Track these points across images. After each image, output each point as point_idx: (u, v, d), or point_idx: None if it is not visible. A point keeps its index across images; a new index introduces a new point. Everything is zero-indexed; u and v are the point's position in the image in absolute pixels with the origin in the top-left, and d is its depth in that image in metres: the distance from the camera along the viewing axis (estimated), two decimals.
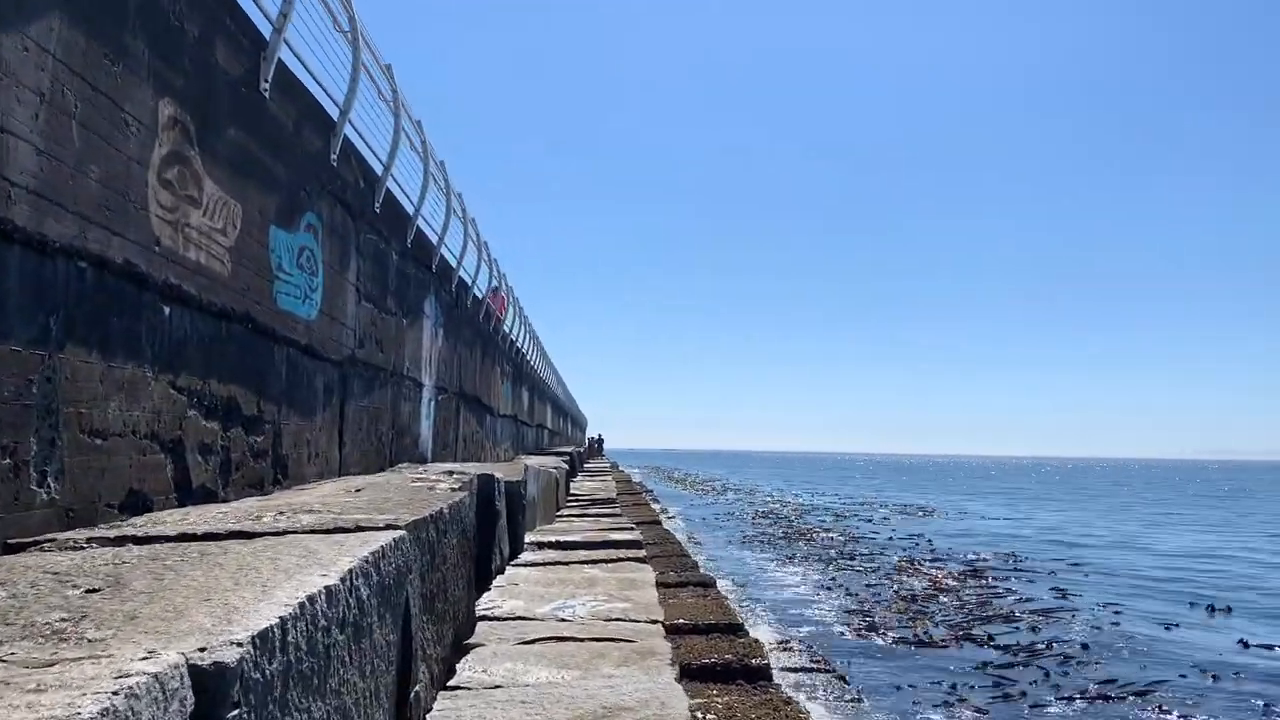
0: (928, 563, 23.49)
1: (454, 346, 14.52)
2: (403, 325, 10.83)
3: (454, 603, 4.70)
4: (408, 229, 10.92)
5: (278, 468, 6.81)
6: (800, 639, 13.28)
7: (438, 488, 6.12)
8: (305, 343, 7.31)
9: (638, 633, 6.01)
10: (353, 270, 8.65)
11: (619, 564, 9.21)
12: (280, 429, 6.85)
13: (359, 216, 8.86)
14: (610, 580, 8.10)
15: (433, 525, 4.26)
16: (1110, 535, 33.50)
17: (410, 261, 11.25)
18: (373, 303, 9.42)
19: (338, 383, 8.34)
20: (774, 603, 16.44)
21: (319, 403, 7.79)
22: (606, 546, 10.36)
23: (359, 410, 9.04)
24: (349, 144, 8.34)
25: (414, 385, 11.55)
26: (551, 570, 8.85)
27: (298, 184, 7.05)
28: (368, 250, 9.22)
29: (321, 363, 7.81)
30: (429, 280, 12.39)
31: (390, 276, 10.18)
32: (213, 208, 5.51)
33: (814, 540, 27.92)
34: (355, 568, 2.98)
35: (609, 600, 7.14)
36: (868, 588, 18.75)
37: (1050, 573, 21.81)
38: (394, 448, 10.58)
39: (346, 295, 8.44)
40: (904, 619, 15.43)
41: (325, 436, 8.02)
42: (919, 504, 49.52)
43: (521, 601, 6.95)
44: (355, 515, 4.12)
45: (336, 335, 8.16)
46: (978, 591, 18.60)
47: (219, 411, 5.76)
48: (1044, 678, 11.62)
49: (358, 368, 8.95)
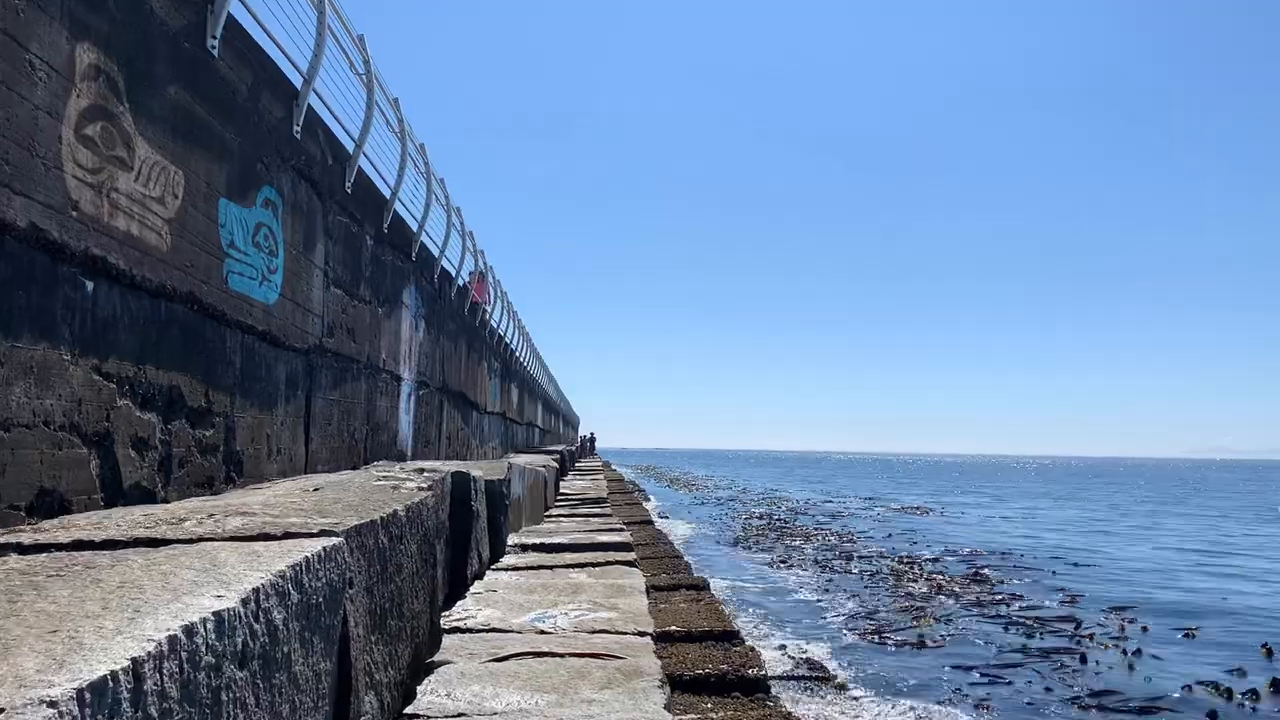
0: (927, 563, 22.96)
1: (437, 340, 13.92)
2: (379, 315, 10.23)
3: (413, 617, 4.11)
4: (384, 213, 10.32)
5: (231, 465, 6.22)
6: (797, 643, 12.71)
7: (404, 487, 5.53)
8: (263, 329, 6.71)
9: (625, 647, 5.44)
10: (320, 253, 8.05)
11: (607, 567, 8.63)
12: (234, 423, 6.25)
13: (328, 196, 8.26)
14: (597, 586, 7.53)
15: (384, 530, 3.68)
16: (1110, 533, 33.05)
17: (387, 248, 10.65)
18: (343, 289, 8.82)
19: (303, 374, 7.74)
20: (769, 606, 15.87)
21: (280, 395, 7.20)
22: (594, 549, 9.79)
23: (328, 404, 8.45)
24: (315, 116, 7.74)
25: (391, 379, 10.95)
26: (534, 575, 8.27)
27: (253, 155, 6.45)
28: (338, 232, 8.62)
29: (283, 351, 7.21)
30: (409, 269, 11.79)
31: (364, 262, 9.59)
32: (148, 173, 4.92)
33: (810, 540, 27.36)
34: (265, 585, 2.40)
35: (594, 609, 6.56)
36: (866, 589, 18.20)
37: (1051, 572, 21.30)
38: (369, 444, 9.98)
39: (313, 279, 7.84)
40: (904, 620, 14.90)
41: (289, 432, 7.42)
42: (915, 503, 49.03)
43: (498, 611, 6.37)
44: (292, 519, 3.53)
45: (301, 322, 7.56)
46: (977, 593, 18.07)
47: (158, 402, 5.16)
48: (1044, 690, 11.06)
49: (326, 358, 8.35)
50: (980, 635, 13.72)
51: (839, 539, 28.12)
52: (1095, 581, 20.52)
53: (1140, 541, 30.54)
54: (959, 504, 49.45)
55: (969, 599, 17.30)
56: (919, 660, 12.12)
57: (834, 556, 23.26)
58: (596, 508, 17.51)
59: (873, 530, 31.59)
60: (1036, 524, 36.92)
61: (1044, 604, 17.24)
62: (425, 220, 12.12)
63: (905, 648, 12.87)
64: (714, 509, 41.11)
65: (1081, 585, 19.84)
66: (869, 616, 15.12)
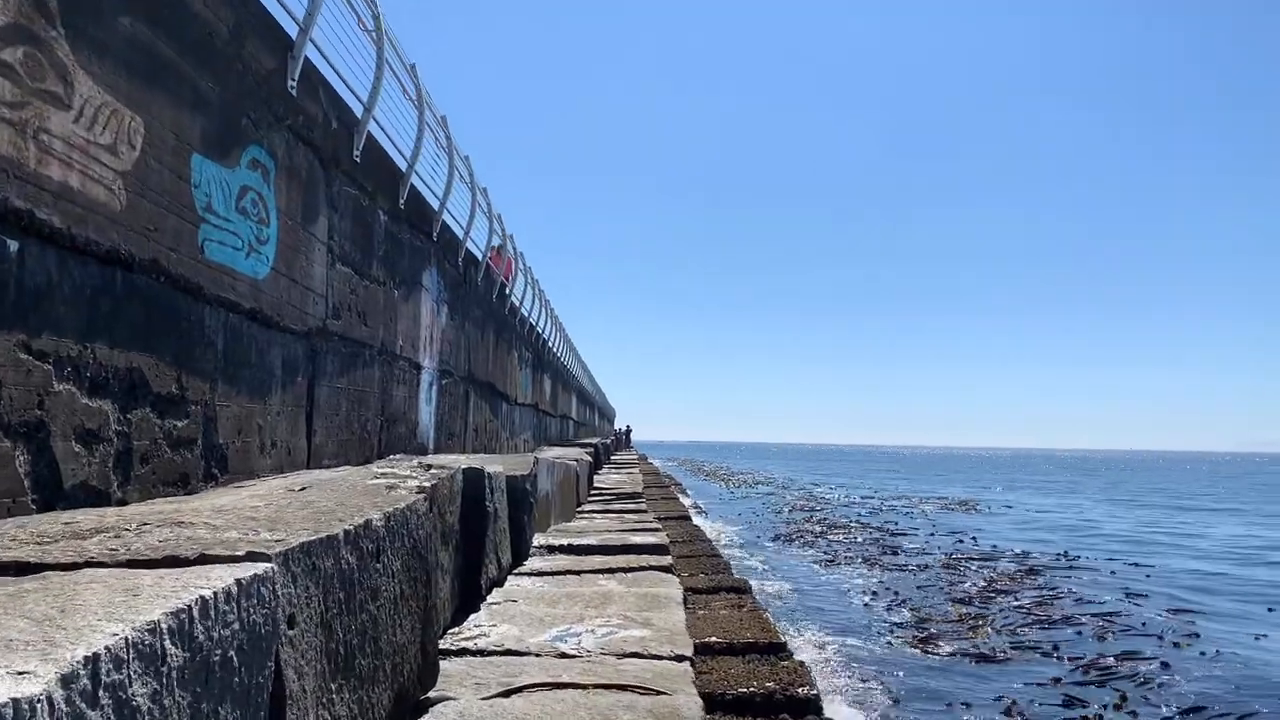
0: (976, 560, 21.91)
1: (461, 326, 13.16)
2: (394, 297, 9.47)
3: (396, 651, 3.31)
4: (399, 187, 9.54)
5: (212, 460, 5.46)
6: (846, 653, 11.81)
7: (401, 487, 4.74)
8: (251, 306, 5.95)
9: (659, 675, 4.61)
10: (323, 226, 7.28)
11: (640, 573, 7.81)
12: (215, 412, 5.49)
13: (332, 164, 7.49)
14: (628, 597, 6.69)
15: (349, 547, 2.87)
16: (1164, 528, 31.61)
17: (404, 226, 9.88)
18: (352, 267, 8.06)
19: (304, 358, 6.99)
20: (814, 610, 14.95)
21: (275, 381, 6.44)
22: (627, 551, 8.97)
23: (334, 392, 7.69)
24: (314, 71, 6.96)
25: (410, 366, 10.20)
26: (559, 582, 7.47)
27: (236, 108, 5.68)
28: (345, 205, 7.85)
29: (278, 333, 6.45)
30: (429, 250, 11.02)
31: (377, 239, 8.82)
32: (93, 115, 4.14)
33: (853, 537, 26.35)
34: (116, 647, 1.60)
35: (625, 624, 5.73)
36: (917, 590, 17.22)
37: (1110, 572, 20.15)
38: (384, 437, 9.23)
39: (313, 254, 7.08)
40: (959, 627, 13.92)
41: (286, 423, 6.67)
42: (959, 498, 47.71)
43: (515, 627, 5.56)
44: (231, 533, 2.74)
45: (299, 301, 6.80)
46: (1035, 594, 17.01)
47: (112, 387, 4.40)
48: (1120, 701, 10.08)
49: (332, 341, 7.59)
50: (1045, 643, 12.71)
51: (884, 535, 27.10)
52: (1157, 581, 19.36)
53: (1197, 537, 29.14)
54: (1003, 499, 48.06)
55: (1027, 601, 16.27)
56: (983, 675, 11.16)
57: (881, 553, 22.26)
58: (631, 503, 16.72)
59: (918, 526, 30.50)
60: (1085, 520, 35.55)
61: (1107, 605, 16.17)
62: (447, 198, 11.34)
63: (965, 660, 11.90)
64: (753, 504, 40.17)
65: (1143, 584, 18.70)
66: (923, 622, 14.16)
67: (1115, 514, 39.14)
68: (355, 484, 4.89)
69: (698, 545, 13.25)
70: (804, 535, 26.45)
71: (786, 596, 16.04)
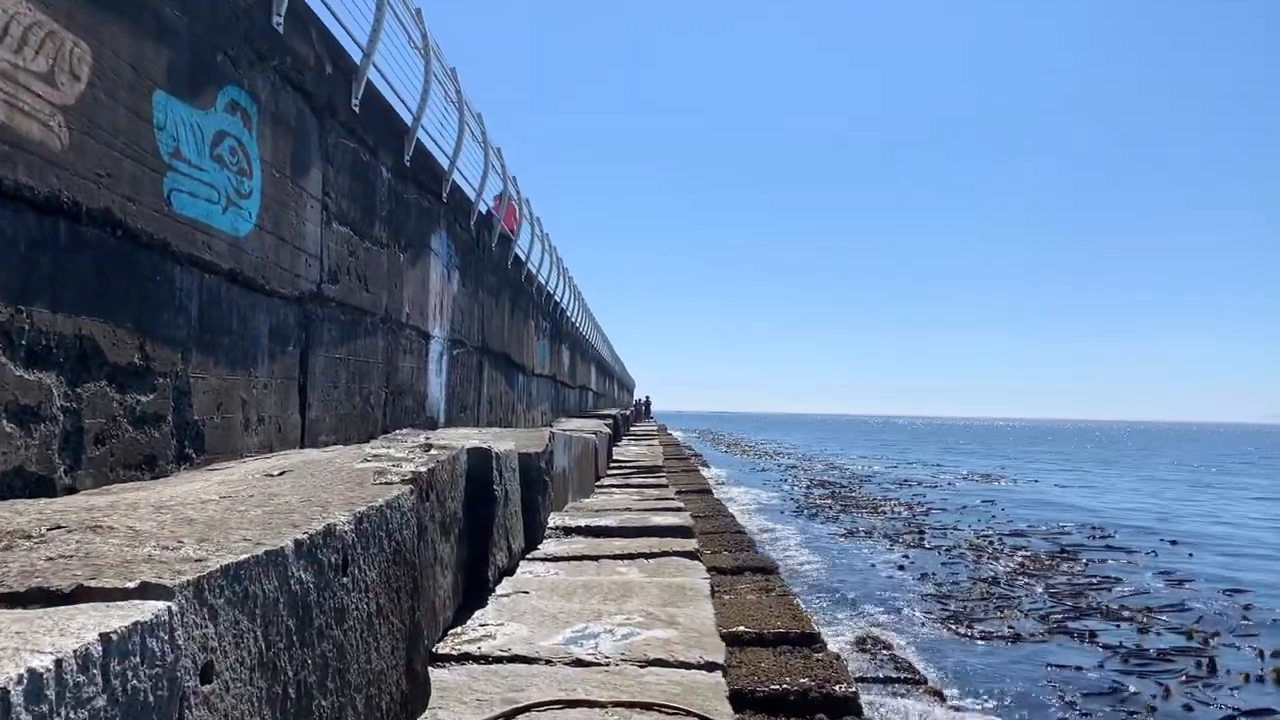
0: (1007, 538, 21.25)
1: (474, 294, 12.53)
2: (399, 261, 8.83)
3: (371, 681, 2.70)
4: (404, 142, 8.88)
5: (185, 439, 4.87)
6: (878, 636, 11.20)
7: (394, 472, 4.13)
8: (231, 267, 5.32)
9: (688, 689, 4.00)
10: (316, 180, 6.64)
11: (663, 559, 7.21)
12: (188, 385, 4.89)
13: (327, 113, 6.83)
14: (651, 588, 6.08)
15: (302, 562, 2.25)
16: (1199, 506, 30.73)
17: (411, 185, 9.23)
18: (351, 227, 7.42)
19: (295, 326, 6.38)
20: (842, 590, 14.34)
21: (261, 351, 5.83)
22: (649, 533, 8.38)
23: (332, 363, 7.09)
24: (304, 8, 6.29)
25: (417, 335, 9.58)
26: (576, 569, 6.88)
27: (210, 42, 5.02)
28: (342, 159, 7.20)
29: (264, 297, 5.83)
30: (438, 211, 10.37)
31: (379, 198, 8.17)
32: (21, 36, 3.50)
33: (878, 512, 25.71)
34: None
35: (648, 622, 5.12)
36: (944, 568, 16.58)
37: (1150, 552, 19.42)
38: (390, 410, 8.64)
39: (305, 211, 6.44)
40: (990, 608, 13.28)
41: (275, 396, 6.07)
42: (982, 470, 46.93)
43: (525, 627, 4.96)
44: (145, 547, 2.13)
45: (289, 263, 6.17)
46: (1070, 576, 16.34)
47: (56, 357, 3.80)
48: (1164, 696, 9.39)
49: (328, 308, 6.97)
50: (1082, 631, 12.05)
51: (909, 510, 26.44)
52: (1200, 561, 18.62)
53: (1234, 513, 28.30)
54: (1029, 472, 47.23)
55: (1060, 583, 15.59)
56: (1016, 659, 10.52)
57: (906, 530, 21.62)
58: (651, 477, 16.15)
59: (944, 500, 29.81)
60: (1118, 495, 34.72)
61: (1148, 589, 15.47)
62: (457, 156, 10.66)
63: (998, 642, 11.30)
64: (774, 476, 39.57)
65: (1185, 565, 17.96)
66: (951, 602, 13.52)
67: (1146, 490, 38.28)
68: (341, 468, 4.29)
69: (720, 521, 12.74)
70: (827, 510, 25.84)
71: (813, 575, 15.44)
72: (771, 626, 6.80)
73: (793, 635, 6.64)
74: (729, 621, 6.73)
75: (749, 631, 6.74)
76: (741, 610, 7.37)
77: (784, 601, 7.65)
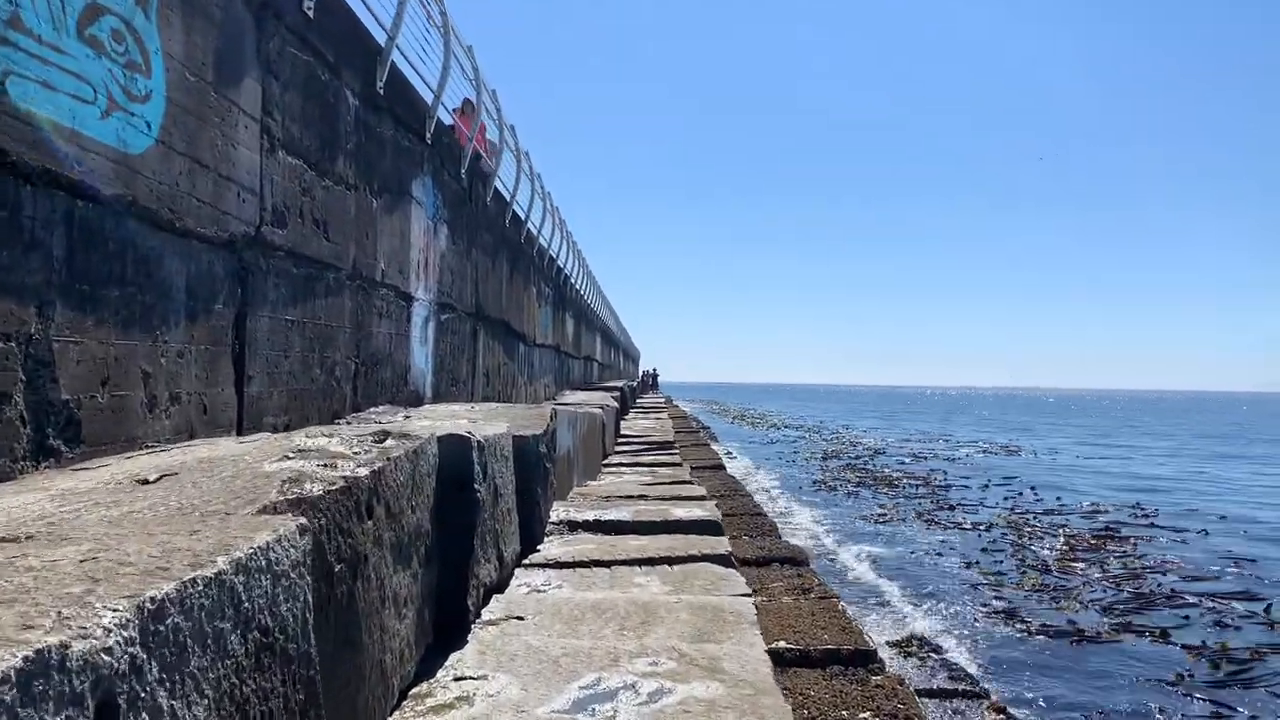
0: (1043, 515, 19.94)
1: (466, 252, 11.13)
2: (371, 207, 7.44)
3: None
4: (376, 66, 7.45)
5: (48, 427, 3.51)
6: (925, 636, 9.89)
7: (319, 477, 2.79)
8: (119, 193, 3.94)
9: None
10: (253, 94, 5.23)
11: (690, 567, 5.87)
12: (49, 352, 3.53)
13: (269, 12, 5.42)
14: (680, 611, 4.73)
15: None
16: (1237, 478, 29.31)
17: (387, 118, 7.81)
18: (304, 159, 6.02)
19: (228, 278, 5.00)
20: (877, 580, 13.01)
21: (174, 308, 4.47)
22: (669, 529, 7.03)
23: (281, 326, 5.72)
24: None
25: (396, 296, 8.20)
26: (584, 579, 5.54)
27: None
28: (292, 73, 5.79)
29: (176, 238, 4.46)
30: (421, 154, 8.95)
31: (344, 128, 6.76)
32: None
33: (899, 487, 24.37)
34: None
35: (681, 669, 3.77)
36: (984, 552, 15.25)
37: (1200, 531, 18.07)
38: (361, 384, 7.29)
39: (237, 132, 5.04)
40: (1043, 598, 11.98)
41: (197, 368, 4.71)
42: (1001, 442, 45.58)
43: (517, 682, 3.61)
44: None
45: (211, 195, 4.79)
46: (1121, 558, 15.01)
47: None
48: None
49: (275, 257, 5.59)
50: (1152, 628, 10.74)
51: (930, 486, 25.11)
52: (1258, 539, 17.30)
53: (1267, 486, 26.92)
54: (1050, 443, 45.86)
55: (1114, 569, 14.26)
56: (1087, 667, 9.19)
57: (935, 508, 20.26)
58: (664, 454, 14.85)
59: (966, 475, 28.45)
60: (1148, 466, 33.32)
61: (1210, 572, 14.14)
62: (443, 90, 9.21)
63: (1061, 643, 9.97)
64: (786, 449, 38.26)
65: (1242, 546, 16.61)
66: (1004, 593, 12.20)
67: (1168, 460, 36.92)
68: (241, 471, 2.93)
69: (737, 500, 11.58)
70: (846, 486, 24.52)
71: (842, 563, 14.12)
72: (819, 641, 5.55)
73: (844, 653, 5.41)
74: (766, 634, 5.45)
75: (792, 649, 5.48)
76: (780, 618, 6.09)
77: (828, 606, 6.36)
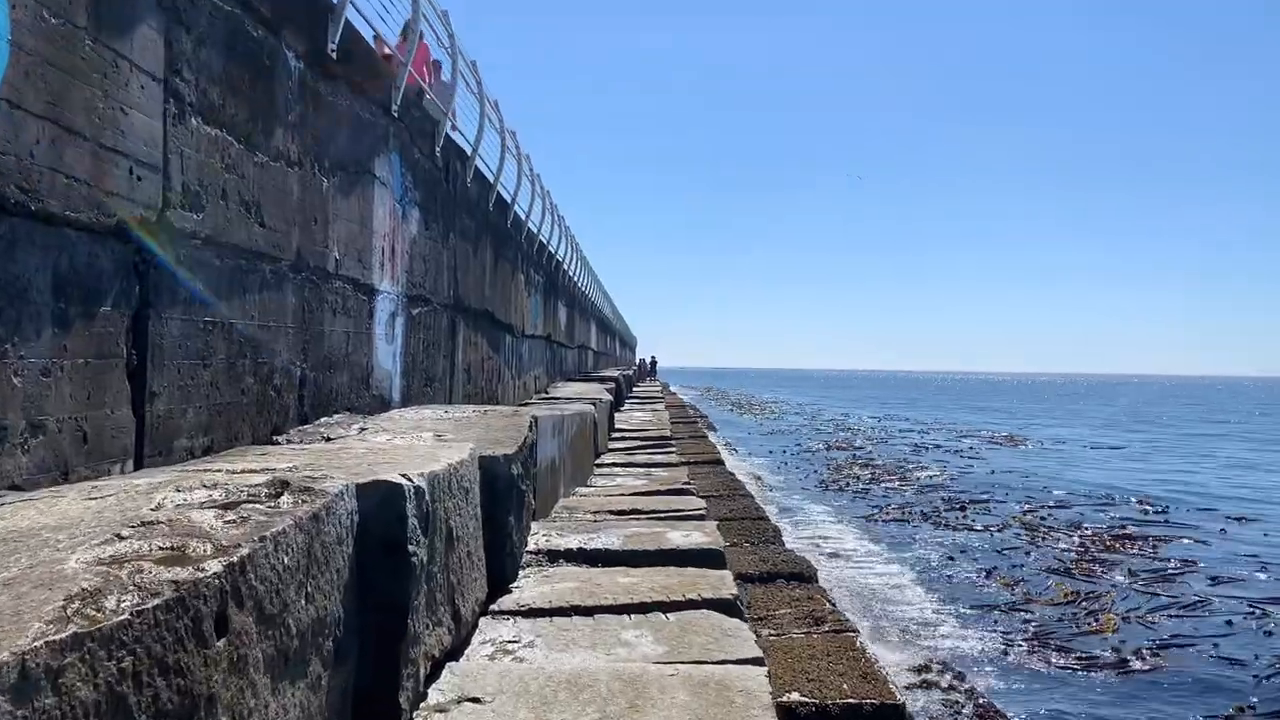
0: (1056, 510, 19.10)
1: (443, 238, 10.15)
2: (321, 187, 6.46)
3: None
4: (326, 23, 6.45)
5: None
6: (947, 663, 8.95)
7: (139, 581, 1.85)
8: None
9: None
10: (150, 45, 4.25)
11: (687, 617, 4.91)
12: None
13: None
14: (676, 691, 3.75)
15: None
16: (1254, 469, 28.37)
17: (342, 86, 6.83)
18: (228, 130, 5.04)
19: (117, 273, 4.04)
20: (889, 593, 12.09)
21: (34, 315, 3.50)
22: (663, 560, 6.09)
23: (198, 330, 4.76)
24: None
25: (355, 289, 7.23)
26: (560, 634, 4.58)
27: None
28: (209, 24, 4.81)
29: (37, 225, 3.50)
30: (385, 129, 7.96)
31: (283, 95, 5.78)
32: None
33: (906, 483, 23.47)
34: None
35: None
36: (1001, 557, 14.36)
37: (1220, 530, 17.21)
38: (309, 393, 6.33)
39: (126, 92, 4.06)
40: (1074, 616, 11.03)
41: (75, 386, 3.75)
42: (1004, 431, 44.69)
43: None
44: None
45: (90, 171, 3.82)
46: (1146, 562, 14.15)
47: None
48: None
49: (188, 246, 4.63)
50: (1199, 640, 9.86)
51: (937, 479, 24.24)
52: (1277, 538, 16.44)
53: None
54: (1051, 433, 44.97)
55: (1140, 570, 13.42)
56: (1143, 703, 8.30)
57: (946, 507, 19.34)
58: (660, 453, 13.96)
59: (971, 468, 27.58)
60: (1157, 459, 32.43)
61: (1238, 576, 13.27)
62: (412, 57, 8.22)
63: (1107, 673, 8.97)
64: (786, 440, 37.36)
65: (1265, 546, 15.76)
66: (1031, 610, 11.25)
67: (1177, 452, 36.04)
68: (37, 564, 1.97)
69: (737, 501, 10.85)
70: (851, 483, 23.59)
71: (850, 574, 13.18)
72: (837, 691, 4.74)
73: (867, 709, 4.59)
74: (776, 680, 4.57)
75: (807, 703, 4.66)
76: (790, 658, 5.23)
77: (844, 644, 5.52)
